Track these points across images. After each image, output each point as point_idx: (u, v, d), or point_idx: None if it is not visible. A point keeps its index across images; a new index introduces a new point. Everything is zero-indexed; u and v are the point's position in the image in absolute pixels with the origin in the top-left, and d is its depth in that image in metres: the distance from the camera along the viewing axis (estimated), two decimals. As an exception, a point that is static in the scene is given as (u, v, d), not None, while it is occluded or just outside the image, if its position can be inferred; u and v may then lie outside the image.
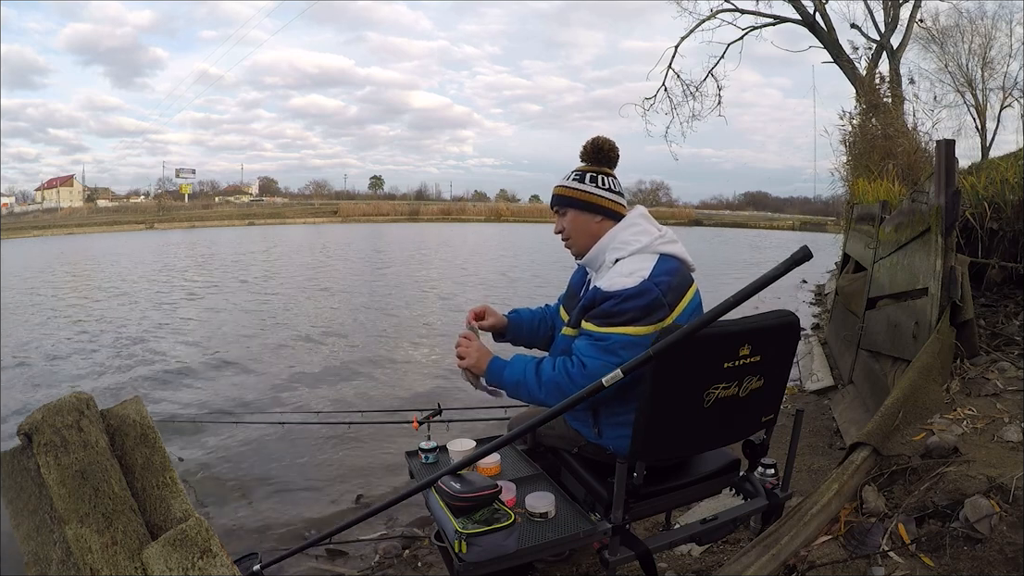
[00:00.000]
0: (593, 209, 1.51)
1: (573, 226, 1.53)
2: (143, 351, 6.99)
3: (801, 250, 1.04)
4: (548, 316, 1.77)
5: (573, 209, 1.52)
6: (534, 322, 1.76)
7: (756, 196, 71.93)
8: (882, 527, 1.47)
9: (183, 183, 65.51)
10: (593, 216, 1.51)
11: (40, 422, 1.13)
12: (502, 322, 1.73)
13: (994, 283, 3.21)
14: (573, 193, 1.52)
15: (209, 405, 5.04)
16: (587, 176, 1.52)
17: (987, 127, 14.04)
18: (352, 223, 52.89)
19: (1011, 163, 3.80)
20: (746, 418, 1.46)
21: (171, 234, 38.68)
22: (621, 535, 1.35)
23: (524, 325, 1.75)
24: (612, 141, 1.55)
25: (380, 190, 79.34)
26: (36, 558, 1.14)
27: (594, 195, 1.51)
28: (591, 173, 1.53)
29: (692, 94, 12.55)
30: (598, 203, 1.50)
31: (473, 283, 13.25)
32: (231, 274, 15.10)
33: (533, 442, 1.73)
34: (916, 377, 2.19)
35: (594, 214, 1.51)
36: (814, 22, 11.02)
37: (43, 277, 14.79)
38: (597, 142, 1.54)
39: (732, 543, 2.13)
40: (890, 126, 8.54)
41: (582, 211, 1.52)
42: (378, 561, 2.68)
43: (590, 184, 1.51)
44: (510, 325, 1.74)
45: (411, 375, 5.94)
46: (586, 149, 1.55)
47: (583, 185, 1.51)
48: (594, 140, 1.54)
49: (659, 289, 1.34)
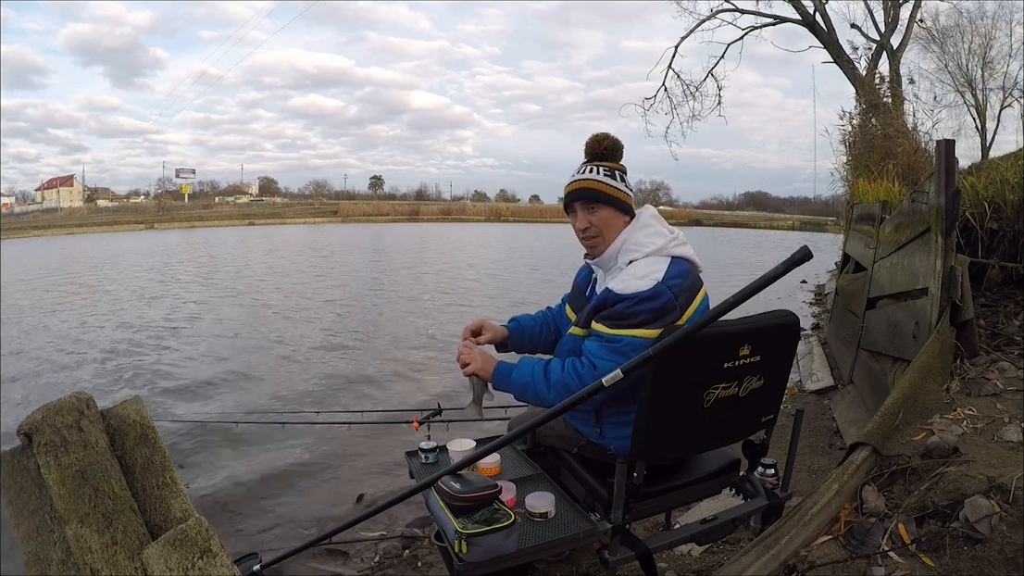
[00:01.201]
0: (625, 209, 1.47)
1: (606, 224, 1.46)
2: (143, 351, 6.98)
3: (801, 250, 1.04)
4: (550, 319, 1.74)
5: (609, 207, 1.46)
6: (535, 328, 1.72)
7: (756, 196, 72.11)
8: (882, 527, 1.47)
9: (183, 183, 65.59)
10: (624, 216, 1.48)
11: (40, 422, 1.13)
12: (501, 333, 1.68)
13: (994, 283, 3.21)
14: (609, 191, 1.46)
15: (209, 405, 5.03)
16: (616, 173, 1.47)
17: (987, 127, 14.01)
18: (352, 223, 52.94)
19: (1011, 163, 3.80)
20: (746, 418, 1.46)
21: (171, 234, 38.69)
22: (621, 535, 1.34)
23: (525, 333, 1.71)
24: (616, 139, 1.51)
25: (380, 190, 79.57)
26: (36, 558, 1.14)
27: (625, 194, 1.47)
28: (618, 171, 1.48)
29: (692, 94, 12.56)
30: (628, 203, 1.47)
31: (473, 282, 13.24)
32: (231, 275, 15.10)
33: (533, 442, 1.73)
34: (916, 377, 2.19)
35: (625, 214, 1.48)
36: (814, 22, 11.01)
37: (52, 278, 14.78)
38: (606, 140, 1.50)
39: (732, 543, 2.13)
40: (890, 126, 8.54)
41: (618, 210, 1.47)
42: (378, 561, 2.68)
43: (621, 182, 1.47)
44: (511, 335, 1.69)
45: (411, 375, 5.94)
46: (591, 145, 1.50)
47: (616, 183, 1.46)
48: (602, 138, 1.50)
49: (672, 292, 1.33)
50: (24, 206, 62.39)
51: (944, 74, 13.81)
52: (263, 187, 75.05)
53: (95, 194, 66.22)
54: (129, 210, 57.02)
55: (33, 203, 63.87)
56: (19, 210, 59.50)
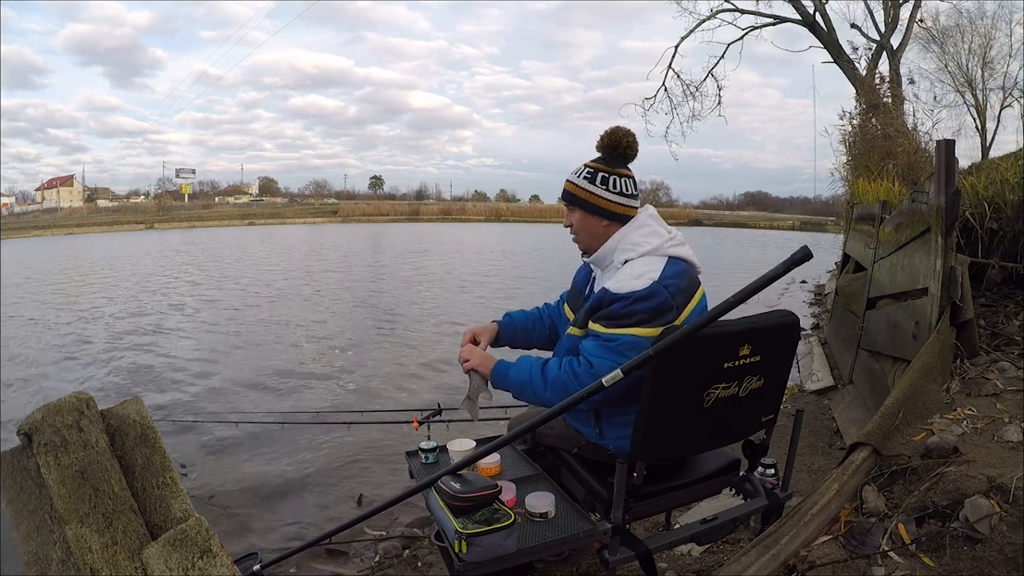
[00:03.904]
0: (599, 213, 1.47)
1: (580, 226, 1.50)
2: (143, 351, 6.99)
3: (801, 250, 1.04)
4: (545, 315, 1.74)
5: (580, 210, 1.49)
6: (528, 323, 1.72)
7: (756, 196, 72.06)
8: (882, 527, 1.47)
9: (183, 183, 65.57)
10: (600, 220, 1.47)
11: (40, 422, 1.13)
12: (492, 330, 1.68)
13: (994, 283, 3.21)
14: (581, 194, 1.47)
15: (210, 405, 5.03)
16: (598, 177, 1.46)
17: (987, 127, 14.04)
18: (352, 223, 52.95)
19: (1011, 163, 3.80)
20: (746, 418, 1.46)
21: (171, 234, 38.69)
22: (621, 535, 1.34)
23: (518, 327, 1.72)
24: (632, 135, 1.47)
25: (380, 190, 79.52)
26: (36, 558, 1.14)
27: (602, 199, 1.46)
28: (603, 173, 1.46)
29: (692, 94, 12.56)
30: (605, 208, 1.46)
31: (474, 283, 13.24)
32: (232, 276, 15.09)
33: (533, 442, 1.73)
34: (916, 377, 2.19)
35: (600, 218, 1.47)
36: (814, 22, 11.01)
37: (54, 278, 14.78)
38: (616, 136, 1.47)
39: (732, 543, 2.13)
40: (890, 126, 8.54)
41: (589, 213, 1.48)
42: (378, 561, 2.68)
43: (600, 186, 1.45)
44: (502, 330, 1.70)
45: (411, 375, 5.94)
46: (603, 140, 1.48)
47: (592, 187, 1.46)
48: (613, 132, 1.47)
49: (668, 292, 1.33)
50: (24, 206, 62.38)
51: (944, 74, 13.84)
52: (263, 187, 75.02)
53: (95, 194, 66.19)
54: (129, 210, 57.02)
55: (33, 203, 63.86)
56: (19, 210, 59.49)
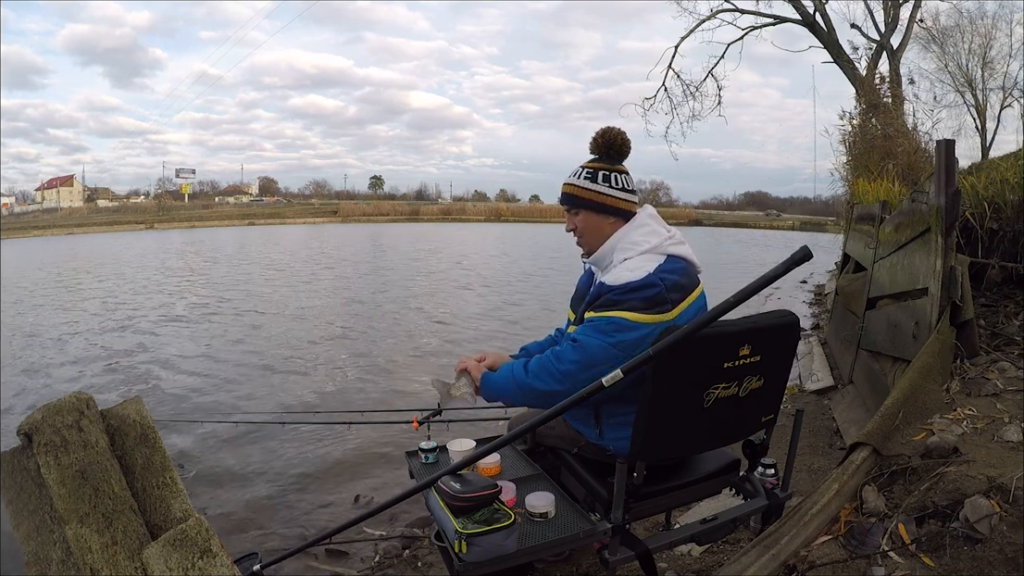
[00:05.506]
0: (607, 210, 1.47)
1: (586, 226, 1.50)
2: (144, 351, 6.99)
3: (801, 250, 1.04)
4: (557, 338, 1.73)
5: (586, 210, 1.49)
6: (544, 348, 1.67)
7: (756, 196, 72.05)
8: (882, 527, 1.47)
9: (183, 183, 65.59)
10: (607, 217, 1.48)
11: (40, 422, 1.13)
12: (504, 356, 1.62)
13: (994, 283, 3.21)
14: (586, 194, 1.48)
15: (210, 405, 5.04)
16: (599, 175, 1.47)
17: (987, 127, 14.02)
18: (352, 223, 52.94)
19: (1011, 163, 3.80)
20: (746, 418, 1.46)
21: (171, 234, 38.69)
22: (621, 535, 1.34)
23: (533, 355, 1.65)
24: (623, 132, 1.50)
25: (380, 190, 79.56)
26: (36, 558, 1.14)
27: (608, 196, 1.47)
28: (603, 171, 1.48)
29: (692, 94, 12.55)
30: (612, 204, 1.47)
31: (473, 281, 13.24)
32: (231, 276, 15.09)
33: (533, 442, 1.73)
34: (916, 377, 2.19)
35: (607, 215, 1.48)
36: (814, 22, 11.00)
37: (54, 278, 14.77)
38: (609, 135, 1.48)
39: (732, 543, 2.13)
40: (890, 126, 8.54)
41: (595, 212, 1.48)
42: (378, 561, 2.68)
43: (603, 184, 1.47)
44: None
45: (411, 375, 5.94)
46: (596, 141, 1.50)
47: (596, 185, 1.47)
48: (605, 132, 1.49)
49: (664, 284, 1.34)
50: (24, 206, 62.41)
51: (944, 74, 13.83)
52: (263, 187, 75.06)
53: (95, 194, 66.22)
54: (129, 210, 57.05)
55: (33, 203, 63.89)
56: (19, 210, 59.54)
